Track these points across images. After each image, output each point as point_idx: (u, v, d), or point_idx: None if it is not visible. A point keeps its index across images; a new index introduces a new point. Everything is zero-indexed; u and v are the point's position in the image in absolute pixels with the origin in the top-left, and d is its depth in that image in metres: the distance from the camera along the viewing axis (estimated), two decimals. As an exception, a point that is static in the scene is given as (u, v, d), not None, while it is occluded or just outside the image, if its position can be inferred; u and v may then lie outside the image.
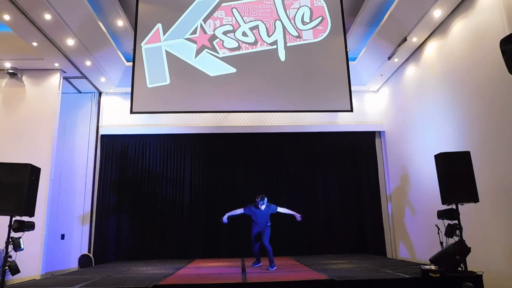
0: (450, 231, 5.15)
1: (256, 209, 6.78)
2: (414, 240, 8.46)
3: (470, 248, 5.06)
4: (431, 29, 7.51)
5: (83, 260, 8.85)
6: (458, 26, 6.71)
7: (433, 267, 5.04)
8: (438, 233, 5.46)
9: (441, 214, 5.32)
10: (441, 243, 5.37)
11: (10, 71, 8.40)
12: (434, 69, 7.52)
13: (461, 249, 4.96)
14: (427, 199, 7.72)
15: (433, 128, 7.53)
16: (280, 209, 6.97)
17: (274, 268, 6.41)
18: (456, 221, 5.11)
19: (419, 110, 8.14)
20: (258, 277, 5.53)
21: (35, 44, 7.57)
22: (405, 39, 7.89)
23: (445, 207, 5.31)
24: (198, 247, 9.45)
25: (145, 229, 9.44)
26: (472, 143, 6.21)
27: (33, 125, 8.29)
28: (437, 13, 6.96)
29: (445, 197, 5.18)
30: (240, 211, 6.98)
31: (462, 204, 5.18)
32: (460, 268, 4.97)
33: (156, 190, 9.70)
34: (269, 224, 6.85)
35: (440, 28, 7.30)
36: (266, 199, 6.78)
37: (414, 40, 7.88)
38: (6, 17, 6.70)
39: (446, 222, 5.26)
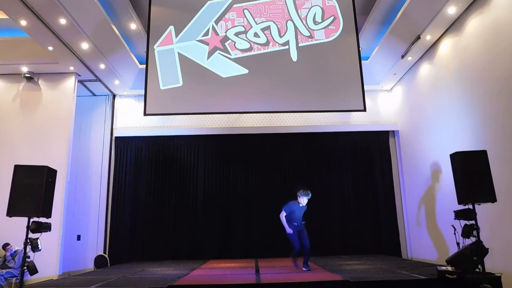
0: (467, 232, 5.06)
1: (295, 204, 6.47)
2: (430, 240, 8.34)
3: (488, 249, 4.96)
4: (446, 27, 7.40)
5: (99, 261, 8.97)
6: (474, 23, 6.60)
7: (449, 268, 4.95)
8: (455, 234, 5.37)
9: (458, 214, 5.23)
10: (458, 244, 5.28)
11: (26, 75, 8.59)
12: (449, 67, 7.41)
13: (479, 250, 4.86)
14: (443, 199, 7.61)
15: (449, 127, 7.42)
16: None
17: (308, 269, 6.24)
18: (473, 222, 5.02)
19: (434, 109, 8.03)
20: (272, 278, 5.53)
21: (50, 48, 7.72)
22: (418, 37, 7.79)
23: (461, 207, 5.22)
24: (212, 248, 9.48)
25: (160, 230, 9.52)
26: (489, 142, 6.09)
27: (49, 128, 8.46)
28: (452, 10, 6.86)
29: (462, 197, 5.10)
30: (283, 213, 6.51)
31: (479, 204, 5.09)
32: (477, 270, 4.88)
33: (170, 191, 9.78)
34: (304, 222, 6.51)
35: (455, 25, 7.19)
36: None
37: (428, 38, 7.78)
38: (23, 22, 6.85)
39: (463, 222, 5.17)
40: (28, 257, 5.07)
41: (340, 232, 9.59)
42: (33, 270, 5.04)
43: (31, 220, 5.16)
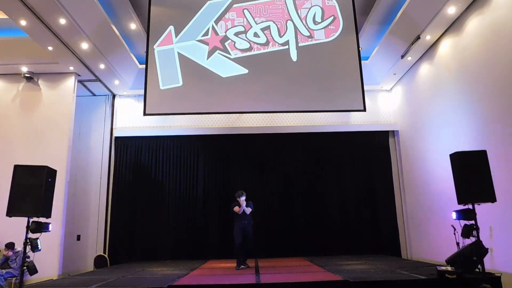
0: (467, 232, 5.05)
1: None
2: (429, 240, 8.34)
3: (487, 249, 4.96)
4: (445, 27, 7.40)
5: (99, 261, 8.97)
6: (473, 23, 6.60)
7: (449, 268, 4.96)
8: (454, 234, 5.37)
9: (457, 214, 5.23)
10: (458, 243, 5.28)
11: (26, 75, 8.59)
12: (449, 67, 7.41)
13: (478, 250, 4.86)
14: (443, 199, 7.61)
15: (448, 127, 7.42)
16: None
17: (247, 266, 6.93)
18: (472, 221, 5.02)
19: (434, 109, 8.03)
20: (271, 278, 5.53)
21: (50, 48, 7.72)
22: (418, 37, 7.80)
23: (461, 207, 5.23)
24: (212, 248, 9.48)
25: (159, 230, 9.52)
26: (489, 142, 6.09)
27: (49, 128, 8.46)
28: (451, 10, 6.86)
29: (461, 197, 5.09)
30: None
31: (479, 204, 5.09)
32: (477, 270, 4.88)
33: (170, 191, 9.78)
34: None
35: (455, 25, 7.19)
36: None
37: (428, 38, 7.78)
38: (23, 22, 6.85)
39: (463, 222, 5.17)
40: (28, 257, 5.07)
41: (340, 232, 9.59)
42: (33, 270, 5.03)
43: (31, 220, 5.16)
